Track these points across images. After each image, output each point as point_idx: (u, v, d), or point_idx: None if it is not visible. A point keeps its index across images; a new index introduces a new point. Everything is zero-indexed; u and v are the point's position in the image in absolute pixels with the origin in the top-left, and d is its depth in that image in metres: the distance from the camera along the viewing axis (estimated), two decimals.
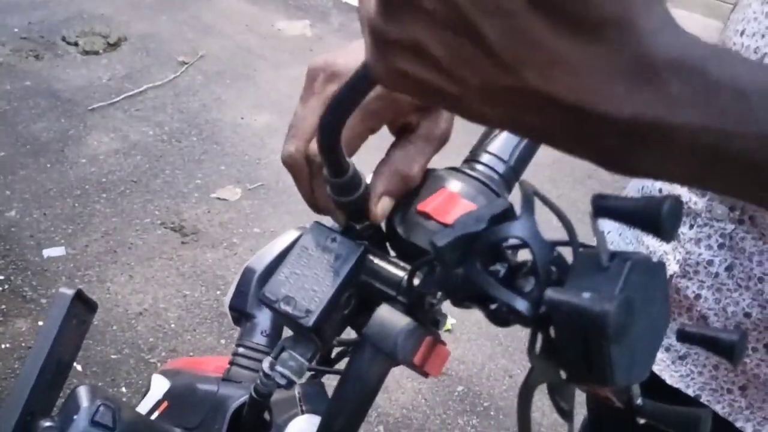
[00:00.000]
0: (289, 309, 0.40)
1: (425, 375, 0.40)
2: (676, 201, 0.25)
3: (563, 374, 0.30)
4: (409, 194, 0.43)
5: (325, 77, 0.42)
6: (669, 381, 0.67)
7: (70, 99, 2.85)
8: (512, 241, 0.32)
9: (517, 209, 0.32)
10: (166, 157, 2.60)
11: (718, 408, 0.65)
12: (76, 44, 3.22)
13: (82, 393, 0.45)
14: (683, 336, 0.31)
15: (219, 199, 2.43)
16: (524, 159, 0.46)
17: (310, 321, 0.39)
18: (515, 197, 0.35)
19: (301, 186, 0.44)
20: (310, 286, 0.40)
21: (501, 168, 0.45)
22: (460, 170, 0.44)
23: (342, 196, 0.39)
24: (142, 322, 1.96)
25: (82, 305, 0.52)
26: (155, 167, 2.55)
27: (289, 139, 0.43)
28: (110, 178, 2.46)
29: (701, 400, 0.66)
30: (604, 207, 0.26)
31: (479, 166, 0.45)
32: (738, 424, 0.65)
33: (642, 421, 0.33)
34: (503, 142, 0.45)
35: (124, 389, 1.78)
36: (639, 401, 0.32)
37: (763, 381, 0.62)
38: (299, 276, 0.41)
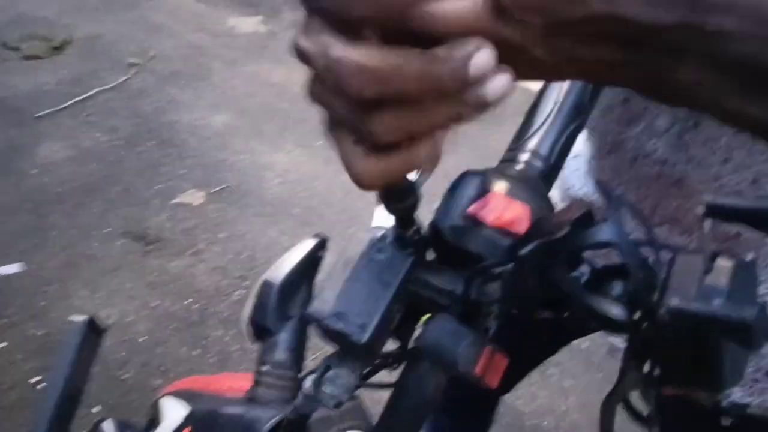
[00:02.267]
0: (341, 325, 0.37)
1: (485, 386, 0.38)
2: None
3: (656, 379, 0.29)
4: (452, 198, 0.41)
5: None
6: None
7: (16, 107, 2.71)
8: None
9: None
10: (123, 164, 2.51)
11: None
12: (17, 49, 3.06)
13: (108, 428, 0.42)
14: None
15: (181, 204, 2.36)
16: (563, 154, 0.44)
17: (364, 337, 0.37)
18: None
19: None
20: (360, 300, 0.38)
21: (541, 165, 0.44)
22: (500, 170, 0.43)
23: (397, 203, 0.37)
24: (110, 338, 1.88)
25: (93, 331, 0.49)
26: (112, 174, 2.45)
27: None
28: (65, 188, 2.35)
29: None
30: (717, 208, 0.25)
31: (519, 165, 0.43)
32: None
33: (726, 422, 0.32)
34: (540, 139, 0.44)
35: (96, 409, 1.71)
36: (726, 402, 0.32)
37: None
38: (346, 290, 0.38)
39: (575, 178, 0.66)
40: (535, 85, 0.51)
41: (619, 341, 0.63)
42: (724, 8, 0.23)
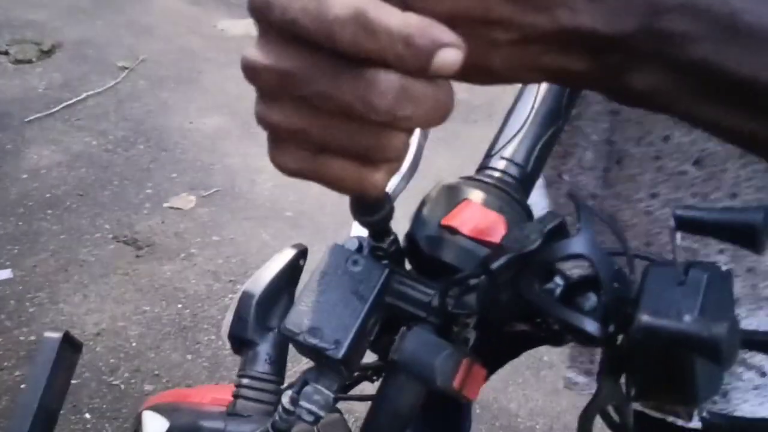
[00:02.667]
0: (315, 341, 0.37)
1: (464, 400, 0.38)
2: None
3: (632, 393, 0.29)
4: (428, 208, 0.40)
5: None
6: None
7: (5, 111, 2.69)
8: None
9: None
10: (113, 168, 2.49)
11: None
12: (6, 53, 3.04)
13: None
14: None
15: (172, 208, 2.34)
16: (539, 161, 0.44)
17: (340, 352, 0.36)
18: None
19: None
20: (335, 313, 0.37)
21: (517, 173, 0.43)
22: (477, 179, 0.42)
23: (367, 216, 0.36)
24: (101, 343, 1.87)
25: (69, 347, 0.48)
26: (102, 179, 2.43)
27: None
28: (55, 193, 2.33)
29: None
30: (687, 219, 0.24)
31: (496, 173, 0.43)
32: None
33: None
34: (516, 146, 0.44)
35: (87, 415, 1.70)
36: (705, 414, 0.31)
37: None
38: (322, 304, 0.38)
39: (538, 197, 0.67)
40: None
41: (575, 374, 0.63)
42: (680, 12, 0.24)
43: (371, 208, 0.36)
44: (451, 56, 0.22)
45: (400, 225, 0.41)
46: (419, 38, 0.22)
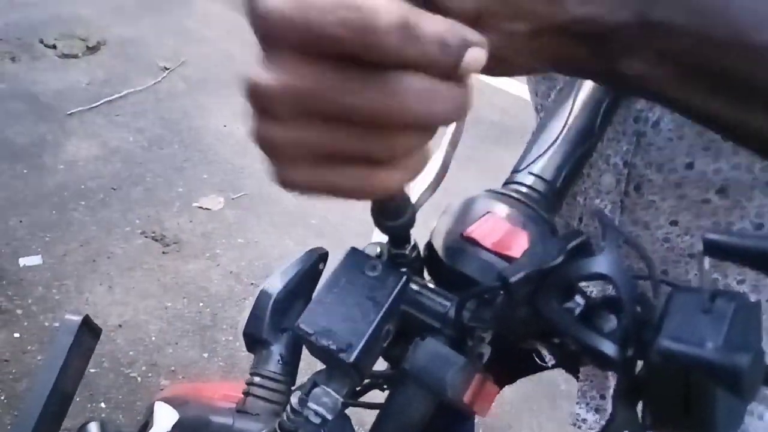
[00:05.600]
0: (327, 343, 0.36)
1: (473, 414, 0.37)
2: None
3: (648, 422, 0.28)
4: (450, 218, 0.40)
5: None
6: None
7: (48, 103, 2.77)
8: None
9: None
10: (147, 165, 2.54)
11: None
12: (54, 47, 3.13)
13: (93, 430, 0.42)
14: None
15: (201, 208, 2.37)
16: (569, 180, 0.43)
17: (351, 356, 0.36)
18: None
19: None
20: (350, 317, 0.37)
21: (545, 189, 0.42)
22: (502, 192, 0.42)
23: (388, 221, 0.36)
24: (121, 335, 1.90)
25: (88, 331, 0.49)
26: (135, 174, 2.48)
27: None
28: (89, 185, 2.39)
29: None
30: (717, 244, 0.23)
31: (522, 188, 0.42)
32: None
33: None
34: (546, 162, 0.43)
35: (103, 405, 1.72)
36: None
37: None
38: (337, 306, 0.38)
39: None
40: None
41: (584, 411, 0.61)
42: (672, 2, 0.25)
43: (393, 213, 0.36)
44: (478, 55, 0.23)
45: (422, 234, 0.41)
46: (451, 40, 0.22)
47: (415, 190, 0.48)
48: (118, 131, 2.69)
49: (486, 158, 2.69)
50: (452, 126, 0.53)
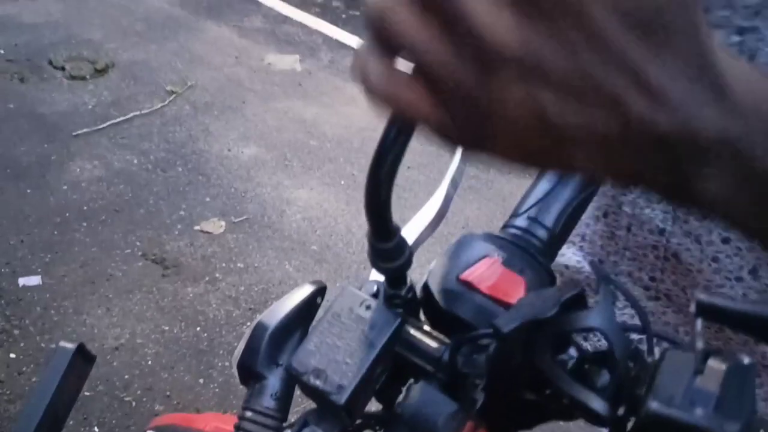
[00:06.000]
0: (319, 383, 0.36)
1: None
2: None
3: None
4: (447, 261, 0.40)
5: None
6: None
7: (54, 124, 2.80)
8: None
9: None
10: (150, 187, 2.55)
11: None
12: (62, 68, 3.17)
13: None
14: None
15: (203, 231, 2.38)
16: (568, 225, 0.43)
17: (342, 398, 0.36)
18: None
19: None
20: (342, 358, 0.37)
21: (544, 235, 0.43)
22: (501, 237, 0.42)
23: (384, 262, 0.36)
24: (118, 358, 1.89)
25: (82, 358, 0.49)
26: (138, 197, 2.49)
27: None
28: (92, 206, 2.39)
29: None
30: (709, 307, 0.23)
31: (521, 233, 0.42)
32: None
33: None
34: (545, 208, 0.43)
35: (96, 429, 1.70)
36: None
37: None
38: (330, 346, 0.37)
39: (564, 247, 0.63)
40: None
41: None
42: (752, 116, 0.23)
43: (389, 256, 0.36)
44: None
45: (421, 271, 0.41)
46: None
47: (414, 228, 0.48)
48: (123, 153, 2.70)
49: (487, 187, 2.70)
50: (454, 164, 0.54)
